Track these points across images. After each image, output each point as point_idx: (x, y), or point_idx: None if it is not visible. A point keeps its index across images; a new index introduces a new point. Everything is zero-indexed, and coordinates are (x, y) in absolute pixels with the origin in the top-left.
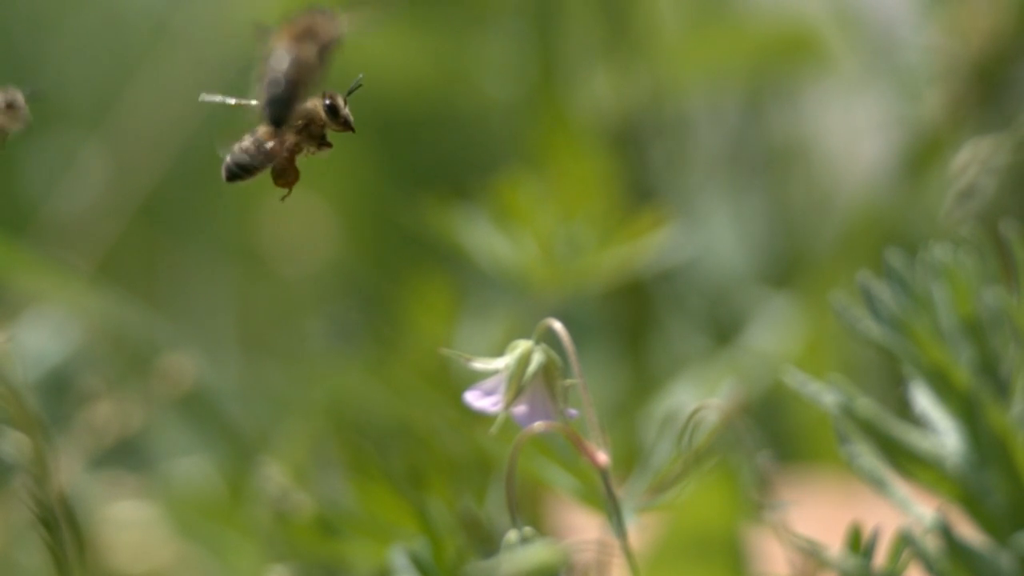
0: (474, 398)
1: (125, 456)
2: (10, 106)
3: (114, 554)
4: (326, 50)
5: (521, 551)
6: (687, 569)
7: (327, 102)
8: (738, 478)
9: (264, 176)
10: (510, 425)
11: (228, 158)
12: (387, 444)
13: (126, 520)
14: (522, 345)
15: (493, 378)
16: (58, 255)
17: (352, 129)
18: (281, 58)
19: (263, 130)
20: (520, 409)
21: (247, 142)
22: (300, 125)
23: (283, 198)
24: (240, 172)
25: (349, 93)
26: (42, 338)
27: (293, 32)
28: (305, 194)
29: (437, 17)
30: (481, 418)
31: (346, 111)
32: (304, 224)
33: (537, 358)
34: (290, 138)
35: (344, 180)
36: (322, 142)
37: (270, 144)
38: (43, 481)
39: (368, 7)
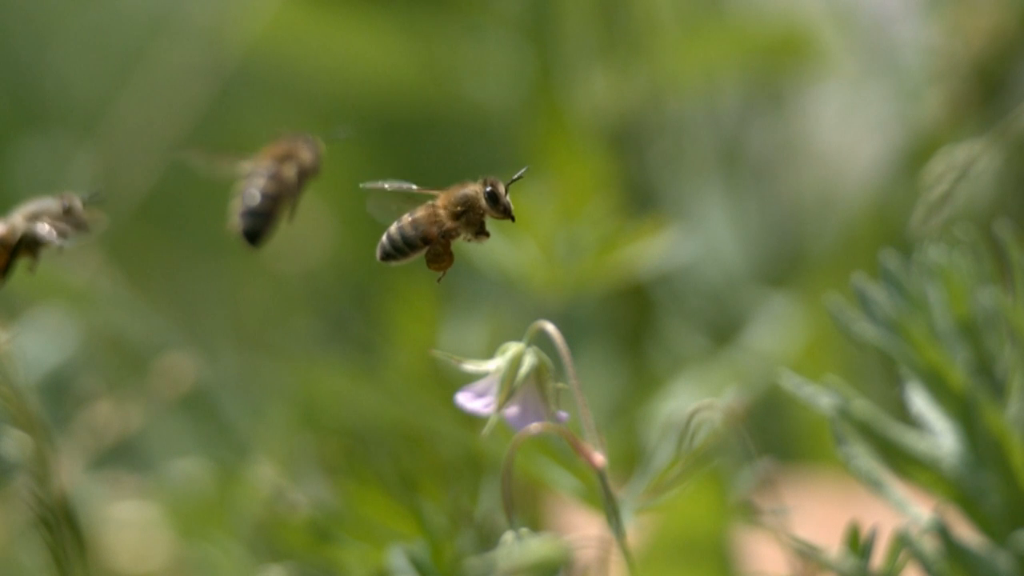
0: (466, 400)
1: (125, 456)
2: (68, 212)
3: (114, 554)
4: (304, 173)
5: (523, 547)
6: (674, 571)
7: (488, 189)
8: (725, 481)
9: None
10: (503, 427)
11: (384, 238)
12: (375, 446)
13: (126, 521)
14: (514, 347)
15: (484, 380)
16: (55, 254)
17: (512, 218)
18: (260, 174)
19: (421, 213)
20: (512, 411)
21: (405, 223)
22: (459, 210)
23: (439, 280)
24: (395, 253)
25: (511, 182)
26: (42, 339)
27: (275, 153)
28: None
29: (434, 20)
30: (473, 419)
31: (507, 199)
32: (300, 222)
33: (528, 360)
34: (448, 223)
35: (343, 177)
36: (480, 230)
37: (427, 228)
38: (44, 481)
39: (348, 134)
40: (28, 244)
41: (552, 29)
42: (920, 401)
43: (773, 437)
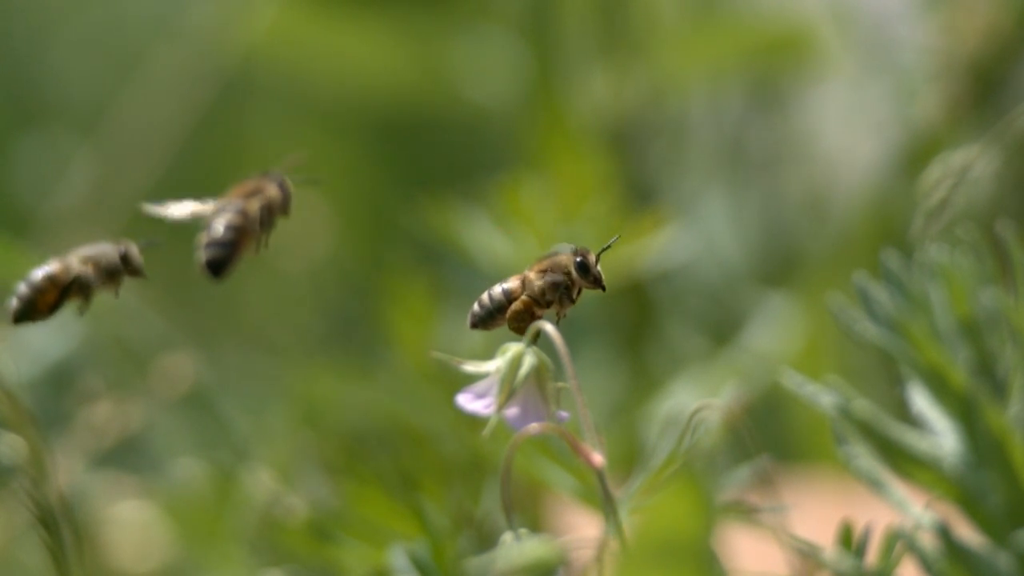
0: (466, 400)
1: (125, 456)
2: (124, 259)
3: (115, 554)
4: (271, 210)
5: (518, 547)
6: (654, 572)
7: (578, 259)
8: (708, 481)
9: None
10: (503, 427)
11: (475, 304)
12: (375, 445)
13: (127, 520)
14: (514, 347)
15: (485, 380)
16: (56, 253)
17: (603, 288)
18: (226, 209)
19: (512, 281)
20: (512, 411)
21: (496, 290)
22: (549, 278)
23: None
24: (486, 317)
25: (601, 252)
26: (42, 334)
27: (243, 191)
28: (303, 190)
29: (433, 21)
30: (474, 419)
31: (597, 269)
32: (301, 219)
33: (528, 360)
34: (537, 290)
35: (343, 177)
36: (568, 298)
37: (516, 294)
38: (40, 482)
39: (320, 173)
40: (80, 286)
41: (552, 29)
42: (921, 401)
43: (772, 437)
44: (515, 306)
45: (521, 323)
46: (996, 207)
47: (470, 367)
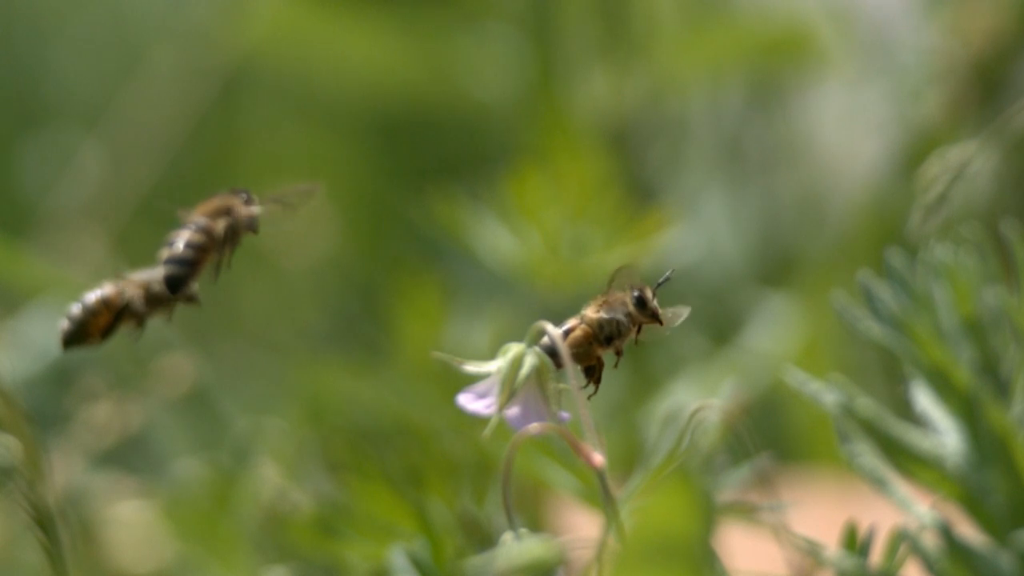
0: (467, 400)
1: (125, 456)
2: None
3: (115, 554)
4: (236, 229)
5: (517, 547)
6: (646, 571)
7: (636, 294)
8: (701, 480)
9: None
10: (504, 427)
11: (537, 347)
12: (380, 443)
13: (127, 520)
14: (515, 348)
15: (486, 380)
16: (57, 252)
17: (661, 323)
18: (190, 226)
19: (572, 320)
20: (513, 411)
21: (556, 335)
22: (607, 316)
23: (589, 396)
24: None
25: (658, 285)
26: (43, 333)
27: (208, 209)
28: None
29: (434, 19)
30: (477, 419)
31: (655, 304)
32: (304, 218)
33: (529, 361)
34: (596, 328)
35: (345, 175)
36: (627, 335)
37: (576, 337)
38: (37, 482)
39: (289, 195)
40: (133, 311)
41: (553, 28)
42: (924, 400)
43: (772, 437)
44: (575, 334)
45: (579, 353)
46: (997, 205)
47: (471, 367)
